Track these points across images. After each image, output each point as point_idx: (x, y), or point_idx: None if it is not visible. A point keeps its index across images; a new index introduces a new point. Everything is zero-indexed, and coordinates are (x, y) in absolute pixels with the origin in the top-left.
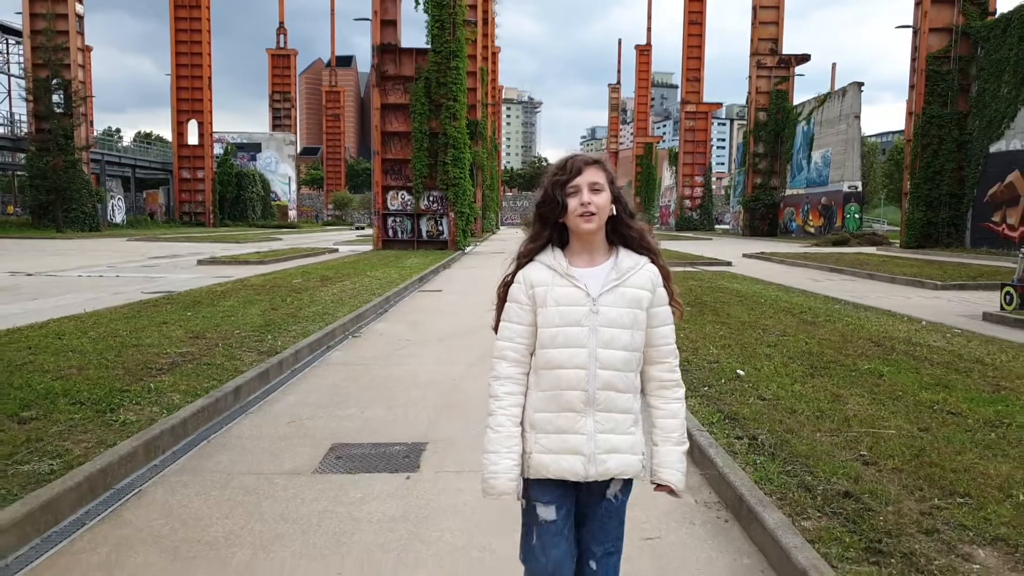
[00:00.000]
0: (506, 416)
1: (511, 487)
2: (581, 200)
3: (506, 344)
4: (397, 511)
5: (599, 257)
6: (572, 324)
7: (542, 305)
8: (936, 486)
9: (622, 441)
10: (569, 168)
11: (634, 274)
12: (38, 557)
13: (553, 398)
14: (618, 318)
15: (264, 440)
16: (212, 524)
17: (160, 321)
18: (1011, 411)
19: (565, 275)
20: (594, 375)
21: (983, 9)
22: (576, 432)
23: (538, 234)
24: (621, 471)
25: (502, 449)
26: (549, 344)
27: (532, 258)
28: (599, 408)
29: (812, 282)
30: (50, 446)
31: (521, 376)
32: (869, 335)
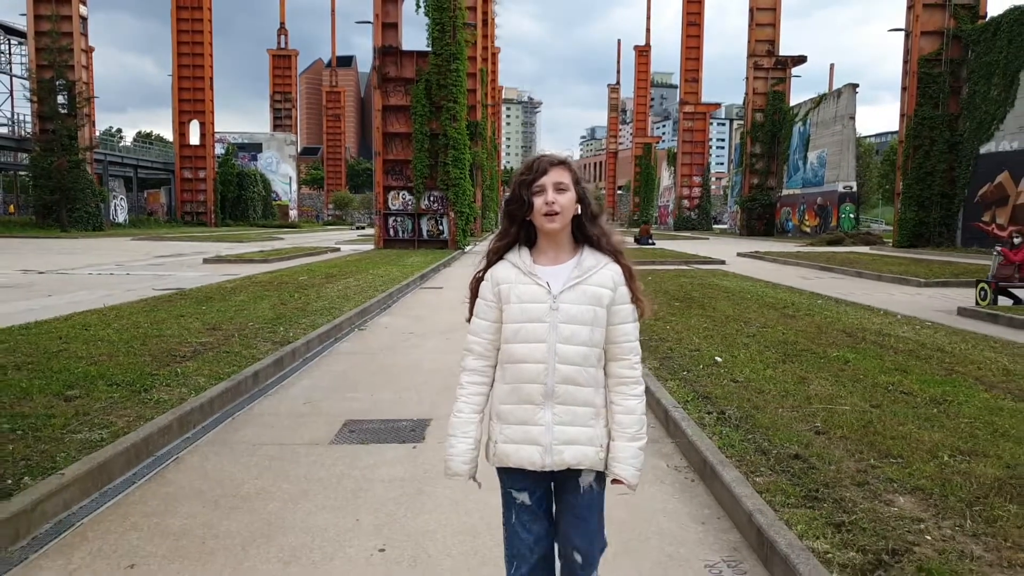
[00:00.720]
0: (466, 403)
1: (465, 469)
2: (546, 199)
3: (473, 339)
4: (405, 473)
5: (564, 255)
6: (533, 320)
7: (506, 302)
8: (875, 450)
9: (580, 433)
10: (535, 168)
11: (596, 272)
12: (99, 507)
13: (515, 390)
14: (578, 315)
15: (283, 417)
16: (245, 483)
17: (177, 314)
18: (956, 391)
19: (528, 273)
20: (553, 369)
21: (974, 13)
22: (535, 423)
23: (506, 231)
24: (577, 462)
25: (459, 433)
26: (512, 339)
27: (501, 255)
28: (558, 401)
29: (802, 280)
30: (96, 419)
31: (486, 368)
32: (843, 327)
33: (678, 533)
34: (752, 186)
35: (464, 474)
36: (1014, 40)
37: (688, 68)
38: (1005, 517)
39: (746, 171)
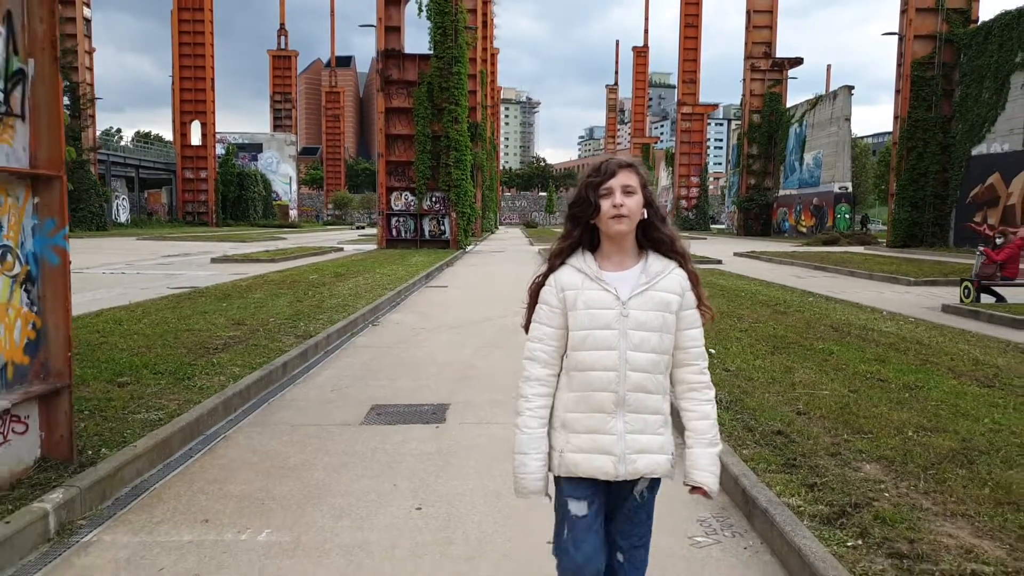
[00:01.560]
0: (533, 417)
1: (539, 487)
2: (614, 202)
3: (536, 346)
4: (432, 448)
5: (629, 260)
6: (602, 327)
7: (572, 308)
8: (849, 427)
9: (651, 441)
10: (603, 170)
11: (663, 278)
12: (166, 475)
13: (584, 399)
14: (647, 321)
15: (314, 402)
16: (290, 456)
17: (201, 311)
18: (928, 379)
19: (595, 278)
20: (624, 377)
21: (966, 17)
22: (606, 432)
23: (568, 234)
24: (650, 470)
25: (531, 451)
26: (580, 346)
27: (563, 259)
28: (629, 409)
29: (795, 279)
30: (150, 403)
31: (550, 378)
32: (831, 322)
33: (673, 495)
34: (749, 186)
35: (539, 492)
36: (1004, 44)
37: (686, 69)
38: (953, 479)
39: (743, 172)
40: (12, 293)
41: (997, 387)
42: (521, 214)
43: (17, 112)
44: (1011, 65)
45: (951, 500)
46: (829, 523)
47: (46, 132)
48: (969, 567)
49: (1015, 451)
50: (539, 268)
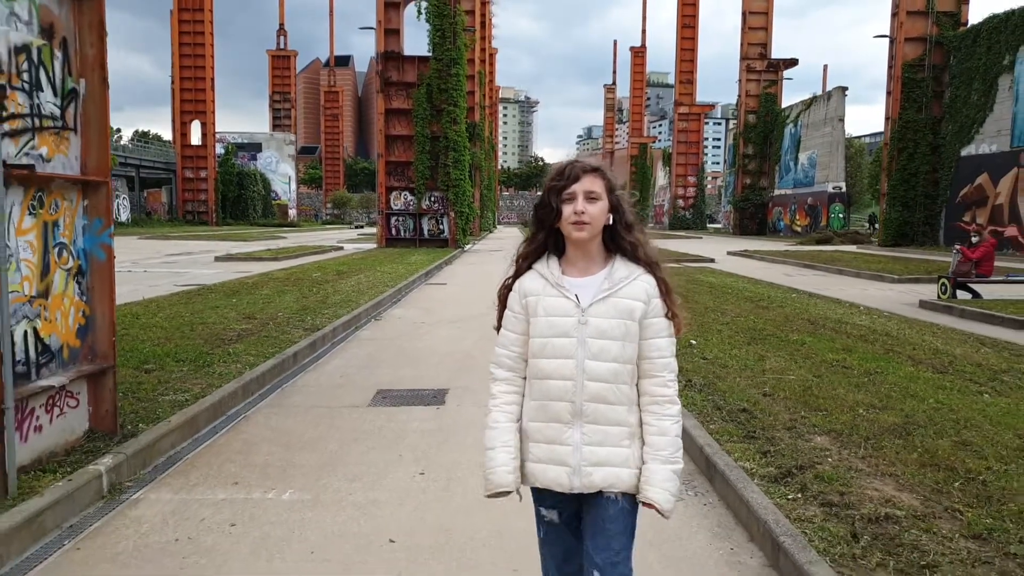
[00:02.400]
0: (501, 412)
1: (509, 479)
2: (575, 208)
3: (502, 351)
4: (433, 426)
5: (594, 266)
6: (560, 335)
7: (533, 315)
8: (807, 407)
9: (612, 454)
10: (567, 174)
11: (627, 284)
12: (196, 448)
13: (542, 408)
14: (608, 329)
15: (324, 388)
16: (305, 433)
17: (212, 306)
18: (887, 365)
19: (556, 285)
20: (581, 386)
21: (955, 20)
22: (562, 443)
23: (533, 237)
24: (609, 484)
25: (498, 444)
26: (539, 354)
27: (529, 261)
28: (587, 420)
29: (785, 277)
30: (176, 386)
31: (517, 379)
32: (809, 316)
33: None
34: (745, 186)
35: (510, 485)
36: (992, 47)
37: (683, 70)
38: (889, 447)
39: (739, 171)
40: (67, 284)
41: (949, 373)
42: (519, 213)
43: (71, 126)
44: (999, 68)
45: (883, 463)
46: (776, 481)
47: (95, 143)
48: (884, 511)
49: (949, 425)
50: (507, 272)
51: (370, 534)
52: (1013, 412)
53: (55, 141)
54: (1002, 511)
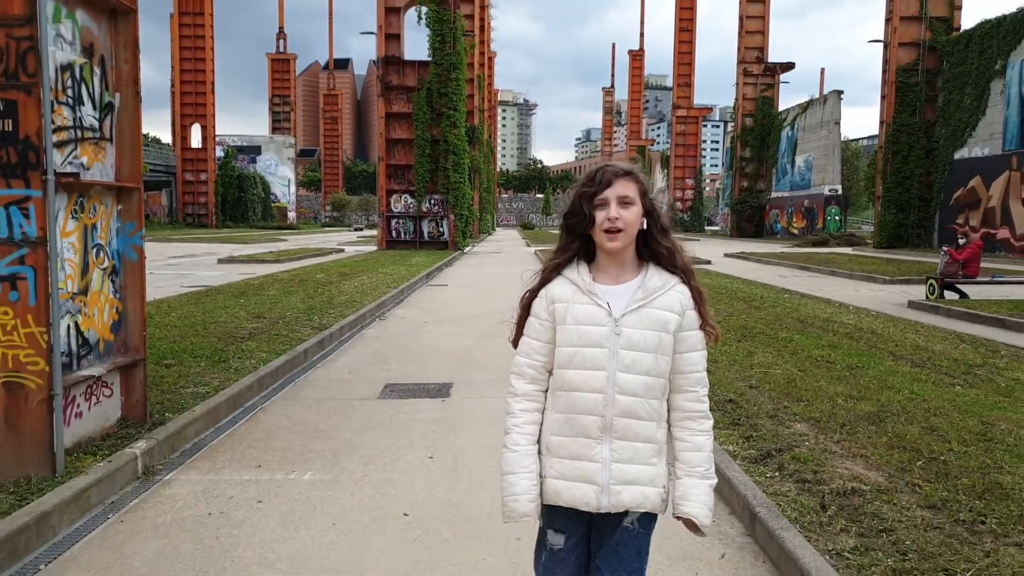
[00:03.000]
0: (521, 434)
1: (531, 508)
2: (608, 215)
3: (524, 360)
4: (439, 416)
5: (627, 274)
6: (591, 345)
7: (561, 322)
8: (790, 397)
9: (640, 472)
10: (598, 180)
11: (662, 294)
12: (219, 436)
13: (568, 422)
14: (641, 341)
15: (335, 382)
16: (319, 422)
17: (221, 306)
18: (869, 361)
19: (587, 292)
20: (612, 400)
21: (948, 25)
22: (591, 460)
23: (566, 246)
24: (637, 504)
25: (519, 469)
26: (567, 364)
27: (559, 272)
28: (616, 436)
29: (779, 278)
30: (196, 380)
31: (538, 394)
32: (798, 316)
33: None
34: (742, 189)
35: (531, 514)
36: (984, 52)
37: (681, 73)
38: (863, 432)
39: (736, 174)
40: (103, 283)
41: (926, 367)
42: (518, 216)
43: (107, 137)
44: (991, 72)
45: (855, 446)
46: (756, 462)
47: (128, 152)
48: (851, 486)
49: (920, 413)
50: (532, 280)
51: (386, 508)
52: (981, 402)
53: (94, 150)
54: (957, 485)
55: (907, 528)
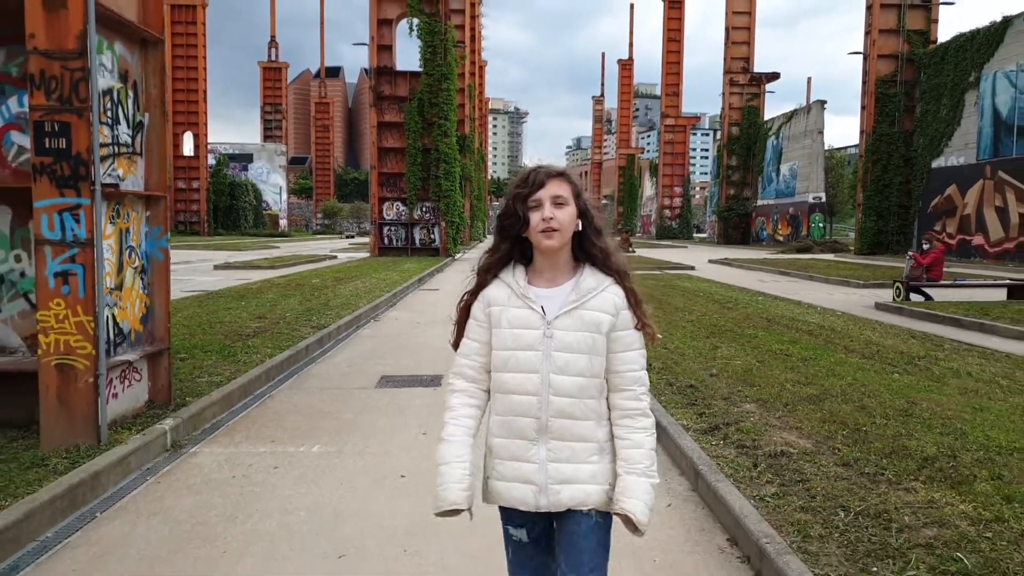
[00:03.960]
0: (457, 426)
1: (462, 496)
2: (543, 215)
3: (463, 361)
4: (431, 402)
5: (562, 276)
6: (525, 348)
7: (496, 326)
8: (744, 383)
9: (578, 471)
10: (531, 181)
11: (595, 296)
12: (233, 418)
13: (506, 424)
14: (574, 342)
15: (335, 375)
16: (323, 406)
17: (224, 308)
18: (822, 354)
19: (521, 295)
20: (547, 402)
21: (925, 38)
22: (528, 460)
23: (496, 247)
24: (578, 502)
25: (452, 459)
26: (502, 367)
27: (493, 272)
28: (552, 436)
29: (759, 282)
30: (209, 370)
31: (477, 391)
32: (767, 316)
33: None
34: (729, 197)
35: (461, 503)
36: (959, 64)
37: (669, 83)
38: (802, 410)
39: (723, 182)
40: (134, 280)
41: (873, 359)
42: None
43: (138, 151)
44: (965, 84)
45: (793, 421)
46: (705, 433)
47: (156, 164)
48: (781, 450)
49: (856, 395)
50: (469, 283)
51: (385, 472)
52: (912, 386)
53: (127, 164)
54: (870, 448)
55: (820, 479)
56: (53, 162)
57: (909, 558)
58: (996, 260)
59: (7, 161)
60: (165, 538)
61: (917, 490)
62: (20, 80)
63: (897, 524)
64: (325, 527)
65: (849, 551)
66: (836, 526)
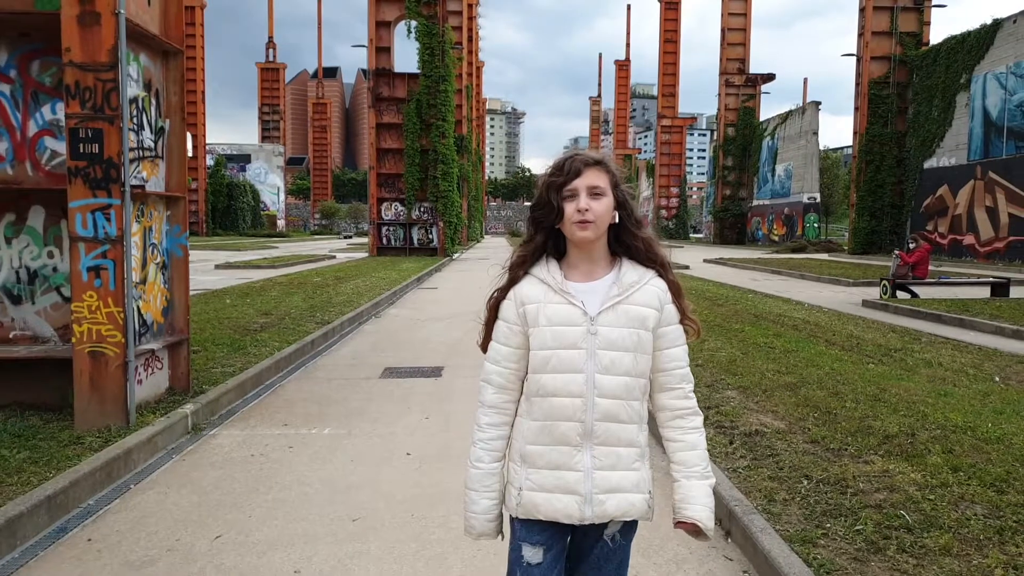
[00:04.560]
0: (486, 451)
1: (490, 528)
2: (578, 206)
3: (493, 368)
4: (432, 390)
5: (599, 270)
6: (567, 347)
7: (534, 324)
8: (728, 372)
9: (624, 478)
10: (567, 169)
11: (638, 289)
12: (248, 404)
13: (546, 429)
14: (619, 340)
15: (340, 366)
16: (331, 395)
17: (230, 305)
18: (804, 346)
19: (559, 291)
20: (592, 404)
21: (917, 40)
22: (571, 468)
23: (531, 239)
24: (622, 512)
25: (481, 488)
26: (541, 369)
27: (525, 268)
28: (597, 442)
29: (751, 281)
30: (223, 362)
31: (508, 404)
32: (755, 312)
33: None
34: (725, 197)
35: (491, 533)
36: (951, 67)
37: (665, 83)
38: (779, 396)
39: (719, 183)
40: (156, 275)
41: (852, 351)
42: (507, 224)
43: (160, 155)
44: (956, 86)
45: (769, 405)
46: None
47: (175, 167)
48: (756, 429)
49: (831, 383)
50: (499, 280)
51: (392, 450)
52: (885, 375)
53: (150, 166)
54: (837, 428)
55: (789, 454)
56: (87, 166)
57: (859, 516)
58: (986, 259)
59: (41, 164)
60: (196, 505)
61: (875, 462)
62: (52, 89)
63: (852, 489)
64: (339, 496)
65: (807, 511)
66: (799, 492)
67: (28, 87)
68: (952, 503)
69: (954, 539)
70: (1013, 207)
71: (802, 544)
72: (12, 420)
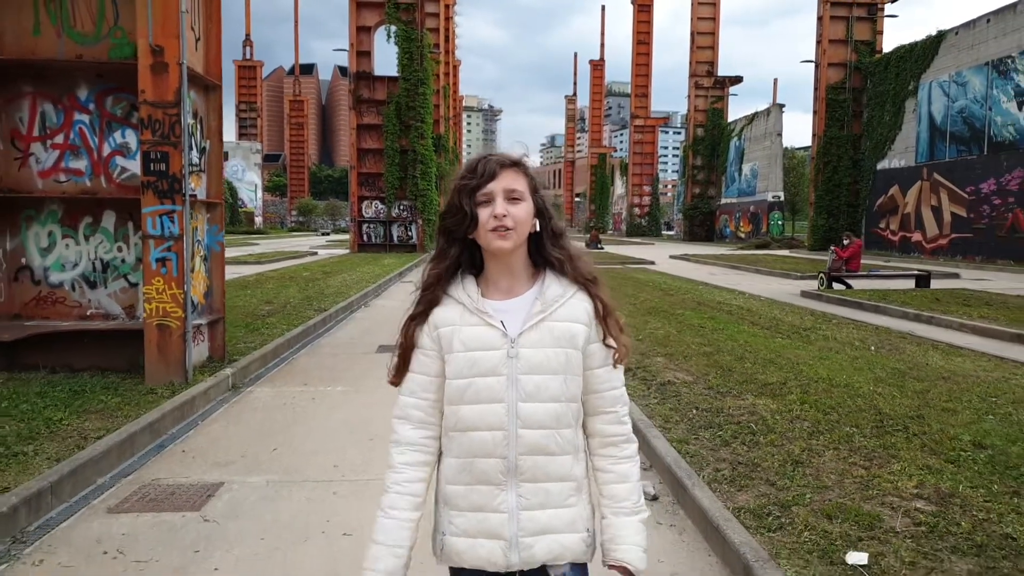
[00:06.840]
0: (400, 495)
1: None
2: (494, 212)
3: (409, 401)
4: None
5: (520, 285)
6: (485, 373)
7: (448, 350)
8: (660, 345)
9: (555, 517)
10: (480, 171)
11: (563, 304)
12: (271, 371)
13: (466, 467)
14: (545, 362)
15: (342, 344)
16: (338, 364)
17: (234, 295)
18: (729, 326)
19: (475, 310)
20: (515, 436)
21: (871, 48)
22: (495, 510)
23: (443, 253)
24: (554, 556)
25: (390, 543)
26: (458, 400)
27: (441, 287)
28: (523, 478)
29: (709, 275)
30: (243, 339)
31: (428, 441)
32: (699, 300)
33: None
34: (694, 195)
35: None
36: (900, 74)
37: (638, 84)
38: (696, 359)
39: (688, 182)
40: (200, 266)
41: (769, 329)
42: None
43: (202, 169)
44: (905, 92)
45: (685, 365)
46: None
47: (214, 178)
48: (669, 380)
49: (740, 351)
50: (413, 302)
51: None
52: (787, 345)
53: (197, 179)
54: (731, 379)
55: (690, 395)
56: (156, 180)
57: (724, 428)
58: (931, 256)
59: (113, 178)
60: (252, 431)
61: (747, 399)
62: (122, 119)
63: (724, 414)
64: (358, 427)
65: (689, 427)
66: (687, 416)
67: (103, 117)
68: (789, 420)
69: (779, 437)
70: (955, 206)
71: (679, 443)
72: (96, 378)
